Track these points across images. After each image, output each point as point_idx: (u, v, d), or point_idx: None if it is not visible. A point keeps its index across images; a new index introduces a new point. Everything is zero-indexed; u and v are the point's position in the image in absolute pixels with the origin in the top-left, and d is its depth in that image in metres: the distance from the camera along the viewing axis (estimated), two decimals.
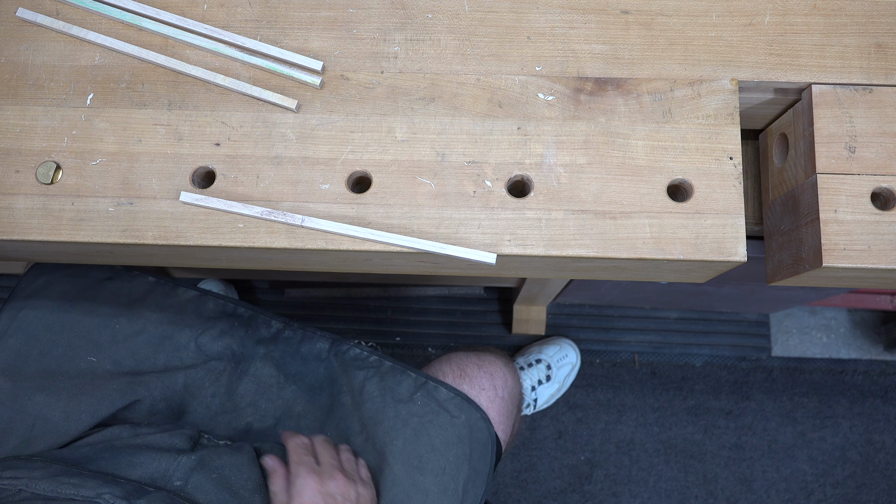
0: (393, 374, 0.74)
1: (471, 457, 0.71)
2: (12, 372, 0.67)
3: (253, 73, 0.55)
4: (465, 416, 0.72)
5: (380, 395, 0.72)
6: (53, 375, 0.67)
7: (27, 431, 0.64)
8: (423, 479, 0.68)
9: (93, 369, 0.69)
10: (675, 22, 0.56)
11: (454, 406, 0.72)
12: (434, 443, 0.70)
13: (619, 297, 1.28)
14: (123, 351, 0.71)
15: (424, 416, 0.71)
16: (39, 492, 0.53)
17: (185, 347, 0.73)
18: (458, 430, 0.71)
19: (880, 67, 0.54)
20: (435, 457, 0.69)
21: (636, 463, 1.32)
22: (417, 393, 0.72)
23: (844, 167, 0.52)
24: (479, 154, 0.53)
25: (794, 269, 0.55)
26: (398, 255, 0.53)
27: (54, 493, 0.54)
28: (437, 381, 0.73)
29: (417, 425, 0.70)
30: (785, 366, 1.37)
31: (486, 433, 0.73)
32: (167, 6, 0.56)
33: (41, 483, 0.54)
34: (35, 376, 0.67)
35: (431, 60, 0.55)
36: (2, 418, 0.65)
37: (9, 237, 0.52)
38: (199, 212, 0.53)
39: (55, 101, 0.55)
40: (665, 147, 0.53)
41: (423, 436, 0.70)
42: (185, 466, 0.61)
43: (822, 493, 1.30)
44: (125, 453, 0.61)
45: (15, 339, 0.69)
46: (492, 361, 0.80)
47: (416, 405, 0.72)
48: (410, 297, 1.39)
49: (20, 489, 0.54)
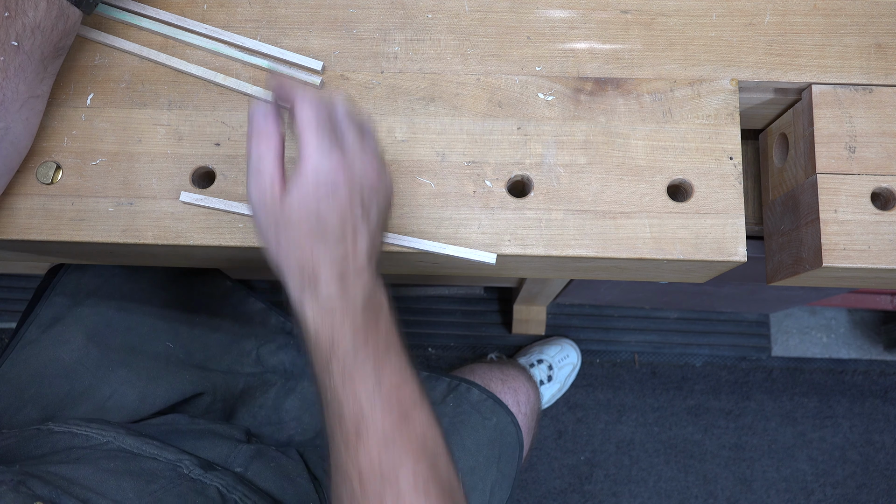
0: (427, 381, 0.75)
1: (500, 460, 0.72)
2: (99, 339, 0.68)
3: (253, 73, 0.55)
4: (497, 419, 0.73)
5: None
6: (135, 352, 0.69)
7: (103, 400, 0.66)
8: None
9: (168, 354, 0.71)
10: (675, 22, 0.56)
11: (486, 408, 0.73)
12: (465, 443, 0.70)
13: (619, 297, 1.28)
14: (197, 344, 0.73)
15: (456, 416, 0.72)
16: (126, 447, 0.55)
17: (248, 355, 0.75)
18: (489, 433, 0.72)
19: (880, 67, 0.54)
20: (465, 456, 0.70)
21: (636, 463, 1.32)
22: (450, 395, 0.74)
23: (844, 167, 0.52)
24: (479, 154, 0.53)
25: (794, 269, 0.55)
26: (398, 255, 0.53)
27: (139, 450, 0.55)
28: (469, 383, 0.74)
29: (449, 425, 0.71)
30: (785, 366, 1.37)
31: (515, 437, 0.73)
32: (167, 6, 0.56)
33: (127, 439, 0.56)
34: (119, 348, 0.68)
35: (431, 60, 0.55)
36: (82, 381, 0.66)
37: (9, 237, 0.52)
38: (199, 212, 0.53)
39: (55, 101, 0.55)
40: (665, 147, 0.53)
41: (454, 435, 0.70)
42: (245, 454, 0.63)
43: (822, 493, 1.30)
44: (190, 437, 0.62)
45: (107, 304, 0.70)
46: (515, 377, 0.81)
47: (448, 407, 0.73)
48: (410, 297, 1.39)
49: (108, 440, 0.55)
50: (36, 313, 0.69)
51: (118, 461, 0.53)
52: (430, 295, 1.39)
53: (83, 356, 0.66)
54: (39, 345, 0.66)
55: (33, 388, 0.64)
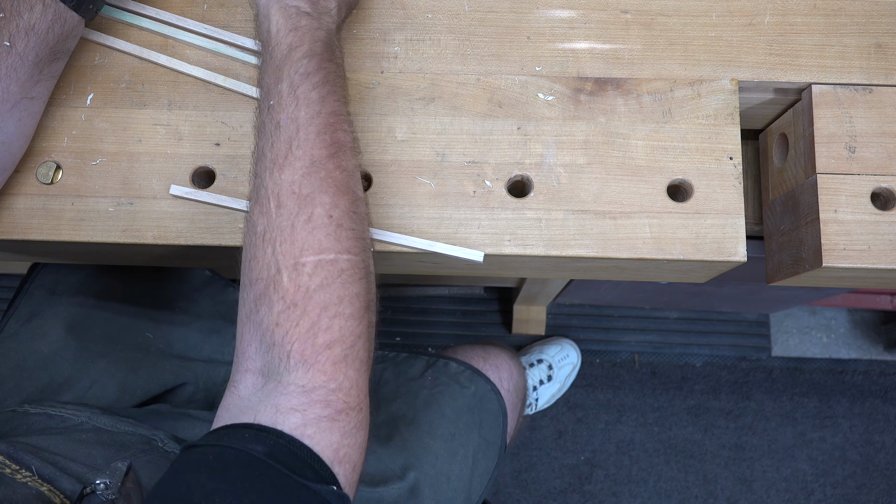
0: (407, 360, 0.76)
1: (481, 425, 0.72)
2: (78, 331, 0.68)
3: (253, 73, 0.55)
4: (475, 388, 0.73)
5: (394, 378, 0.74)
6: (115, 343, 0.69)
7: (83, 392, 0.66)
8: (434, 443, 0.69)
9: (149, 345, 0.71)
10: (675, 22, 0.56)
11: (465, 378, 0.74)
12: (444, 410, 0.71)
13: (619, 297, 1.28)
14: (177, 334, 0.73)
15: (434, 387, 0.73)
16: (101, 425, 0.56)
17: (229, 344, 0.74)
18: (468, 400, 0.72)
19: (880, 67, 0.54)
20: (444, 423, 0.71)
21: (636, 463, 1.32)
22: (428, 371, 0.75)
23: (844, 167, 0.52)
24: (479, 154, 0.53)
25: (794, 269, 0.55)
26: (398, 255, 0.53)
27: (114, 427, 0.56)
28: (447, 357, 0.75)
29: (428, 396, 0.72)
30: (785, 366, 1.37)
31: (497, 404, 0.74)
32: (167, 6, 0.56)
33: (102, 418, 0.57)
34: (98, 340, 0.68)
35: (431, 60, 0.55)
36: (62, 372, 0.66)
37: (9, 237, 0.52)
38: (199, 212, 0.53)
39: (55, 101, 0.55)
40: (665, 147, 0.53)
41: (433, 404, 0.71)
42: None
43: (822, 493, 1.30)
44: (169, 419, 0.63)
45: (85, 297, 0.70)
46: (497, 354, 0.81)
47: (426, 380, 0.74)
48: (410, 297, 1.39)
49: (83, 421, 0.56)
50: (15, 307, 0.69)
51: (90, 433, 0.54)
52: (430, 295, 1.39)
53: (62, 348, 0.66)
54: (18, 338, 0.67)
55: (13, 381, 0.64)
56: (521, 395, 0.83)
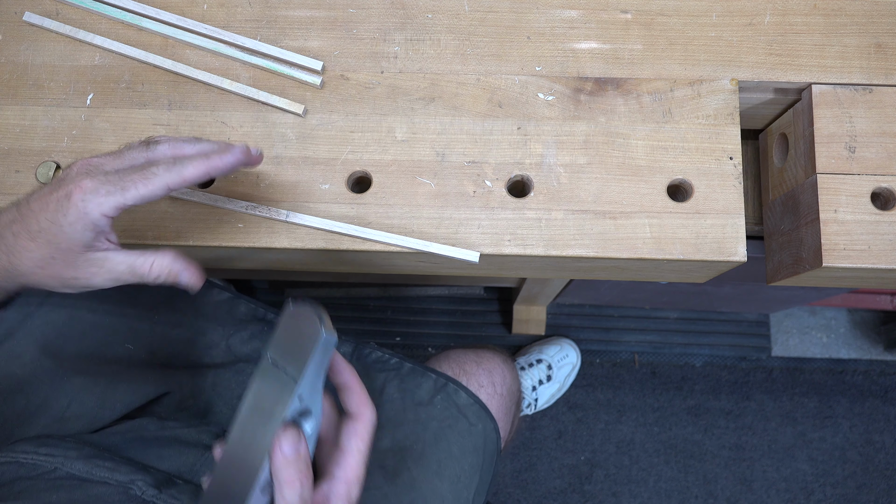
0: (413, 375, 0.74)
1: (482, 468, 0.71)
2: (54, 350, 0.66)
3: (253, 73, 0.55)
4: (482, 426, 0.72)
5: (400, 397, 0.72)
6: (92, 358, 0.67)
7: (61, 411, 0.64)
8: (441, 484, 0.68)
9: (129, 357, 0.69)
10: (675, 22, 0.56)
11: (472, 413, 0.72)
12: (452, 449, 0.70)
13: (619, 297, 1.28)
14: (159, 342, 0.71)
15: (444, 420, 0.71)
16: (74, 472, 0.54)
17: (216, 346, 0.73)
18: (475, 440, 0.71)
19: (880, 67, 0.54)
20: (452, 464, 0.70)
21: (636, 463, 1.32)
22: (437, 396, 0.73)
23: (844, 167, 0.52)
24: (479, 154, 0.53)
25: (794, 269, 0.55)
26: (398, 255, 0.53)
27: (89, 474, 0.54)
28: (456, 384, 0.74)
29: (437, 430, 0.70)
30: (785, 366, 1.37)
31: (496, 444, 0.73)
32: (167, 6, 0.56)
33: (76, 463, 0.54)
34: (74, 357, 0.67)
35: (431, 60, 0.55)
36: (38, 394, 0.64)
37: None
38: (199, 212, 0.53)
39: (55, 101, 0.55)
40: (665, 147, 0.53)
41: (442, 440, 0.70)
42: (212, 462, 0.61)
43: (822, 493, 1.30)
44: (154, 445, 0.61)
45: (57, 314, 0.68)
46: (490, 358, 0.80)
47: (435, 408, 0.72)
48: (410, 297, 1.39)
49: (56, 467, 0.54)
50: None
51: (63, 491, 0.52)
52: (430, 295, 1.39)
53: (36, 368, 0.64)
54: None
55: None
56: (516, 397, 0.83)
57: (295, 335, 0.42)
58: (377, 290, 1.38)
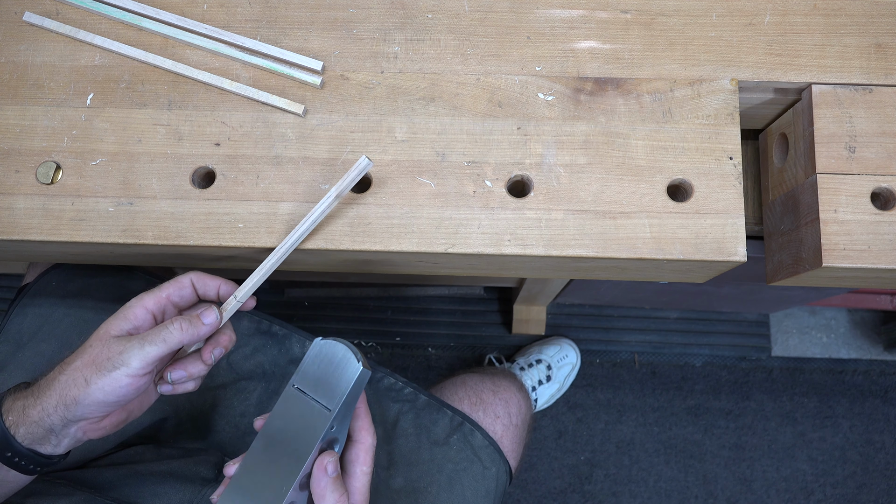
0: (428, 410, 0.73)
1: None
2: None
3: (253, 73, 0.55)
4: (496, 469, 0.72)
5: (415, 433, 0.72)
6: None
7: None
8: None
9: None
10: (675, 22, 0.56)
11: (487, 456, 0.72)
12: (466, 493, 0.70)
13: (619, 297, 1.28)
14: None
15: (459, 462, 0.71)
16: None
17: (217, 365, 0.71)
18: (488, 484, 0.71)
19: (880, 67, 0.54)
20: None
21: (636, 463, 1.32)
22: (454, 436, 0.72)
23: (844, 167, 0.52)
24: (479, 154, 0.53)
25: (794, 269, 0.55)
26: (398, 255, 0.53)
27: None
28: (473, 424, 0.73)
29: (452, 472, 0.70)
30: (785, 366, 1.37)
31: (505, 486, 0.74)
32: (167, 6, 0.56)
33: None
34: None
35: (431, 60, 0.55)
36: None
37: (9, 237, 0.52)
38: (199, 212, 0.53)
39: (55, 101, 0.55)
40: (665, 147, 0.53)
41: (456, 485, 0.70)
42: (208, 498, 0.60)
43: (822, 493, 1.30)
44: (150, 482, 0.60)
45: (48, 344, 0.67)
46: (507, 388, 0.80)
47: (451, 450, 0.71)
48: (410, 297, 1.39)
49: None
50: None
51: None
52: (430, 295, 1.39)
53: None
54: None
55: None
56: (529, 426, 0.82)
57: (326, 368, 0.46)
58: (377, 290, 1.38)
